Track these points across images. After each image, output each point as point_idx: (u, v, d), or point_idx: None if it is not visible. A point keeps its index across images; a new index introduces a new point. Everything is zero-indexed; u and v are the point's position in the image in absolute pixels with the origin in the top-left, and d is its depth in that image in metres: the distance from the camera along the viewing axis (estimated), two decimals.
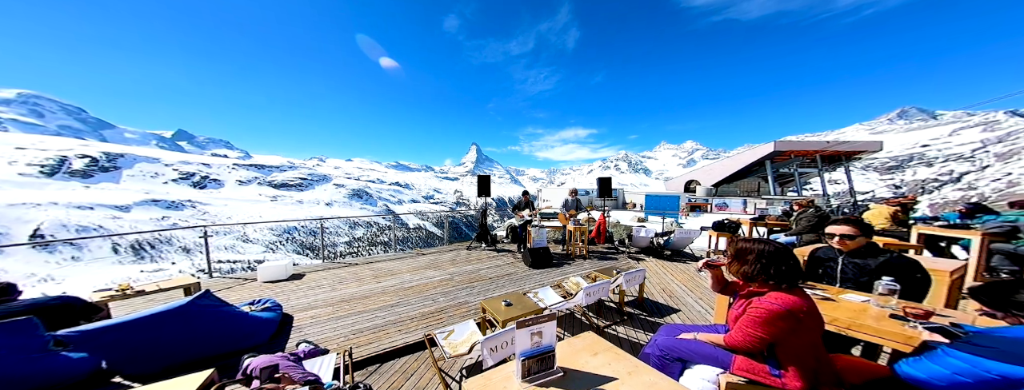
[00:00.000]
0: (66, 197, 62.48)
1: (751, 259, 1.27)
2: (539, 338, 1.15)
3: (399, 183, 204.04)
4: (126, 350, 1.60)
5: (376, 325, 2.84)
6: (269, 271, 4.11)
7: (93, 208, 60.72)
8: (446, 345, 2.21)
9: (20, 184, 67.03)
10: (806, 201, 3.89)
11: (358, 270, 4.60)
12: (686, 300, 3.49)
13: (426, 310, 3.19)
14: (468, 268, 4.77)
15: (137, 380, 1.65)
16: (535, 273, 4.54)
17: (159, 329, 1.64)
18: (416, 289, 3.77)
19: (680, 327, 1.57)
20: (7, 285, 1.82)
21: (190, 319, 1.71)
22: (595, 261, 5.25)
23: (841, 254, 1.88)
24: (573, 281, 3.53)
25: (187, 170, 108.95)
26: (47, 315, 1.65)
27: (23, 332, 1.46)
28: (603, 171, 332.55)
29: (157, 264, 46.51)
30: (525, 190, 6.18)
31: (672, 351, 1.37)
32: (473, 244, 6.42)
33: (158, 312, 1.63)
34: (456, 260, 5.25)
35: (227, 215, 78.72)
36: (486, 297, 3.53)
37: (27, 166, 78.71)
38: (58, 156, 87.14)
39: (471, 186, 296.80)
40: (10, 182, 66.98)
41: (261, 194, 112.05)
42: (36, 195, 60.12)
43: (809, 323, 1.14)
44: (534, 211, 6.11)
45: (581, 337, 1.44)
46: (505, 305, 2.64)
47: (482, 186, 6.69)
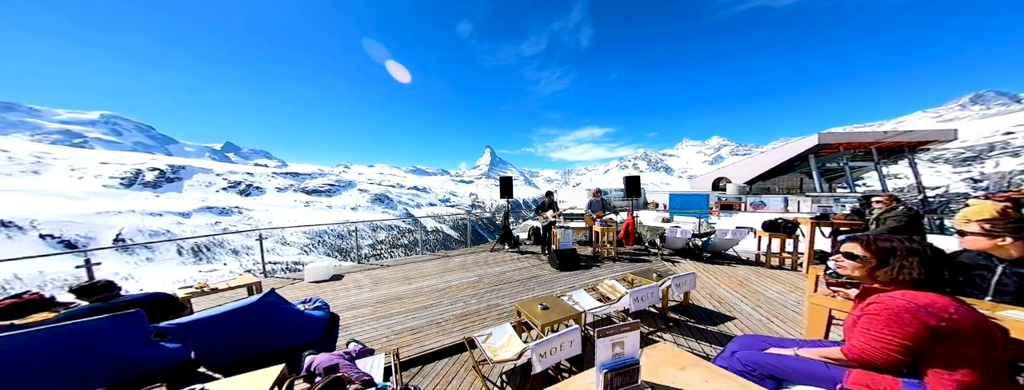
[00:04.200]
0: (140, 205, 72.33)
1: (902, 262, 0.98)
2: (620, 349, 1.06)
3: (417, 187, 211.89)
4: (211, 342, 1.76)
5: (415, 326, 2.89)
6: (314, 272, 4.37)
7: (161, 215, 69.69)
8: (486, 348, 2.20)
9: (104, 195, 78.75)
10: (888, 197, 3.33)
11: (391, 271, 4.77)
12: (741, 307, 3.19)
13: (459, 312, 3.21)
14: (494, 270, 4.77)
15: (218, 371, 1.80)
16: (563, 275, 4.44)
17: (237, 324, 1.79)
18: (447, 291, 3.82)
19: (763, 339, 1.40)
20: (108, 282, 2.09)
21: (261, 315, 1.85)
22: (626, 263, 5.03)
23: (1001, 262, 1.47)
24: (608, 284, 3.38)
25: (234, 179, 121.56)
26: (145, 308, 1.86)
27: (133, 323, 1.67)
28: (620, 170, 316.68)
29: (212, 265, 52.11)
30: (549, 191, 6.07)
31: (762, 367, 1.19)
32: (496, 246, 6.42)
33: (236, 308, 1.78)
34: (481, 262, 5.28)
35: (268, 220, 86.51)
36: (516, 299, 3.50)
37: (109, 179, 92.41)
38: (134, 169, 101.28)
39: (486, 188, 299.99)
40: (96, 193, 78.88)
41: (296, 200, 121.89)
42: (117, 204, 70.25)
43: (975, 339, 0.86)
44: (558, 212, 5.98)
45: (657, 348, 1.33)
46: (541, 308, 2.58)
47: (504, 188, 6.69)
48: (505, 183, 6.72)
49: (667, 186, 50.83)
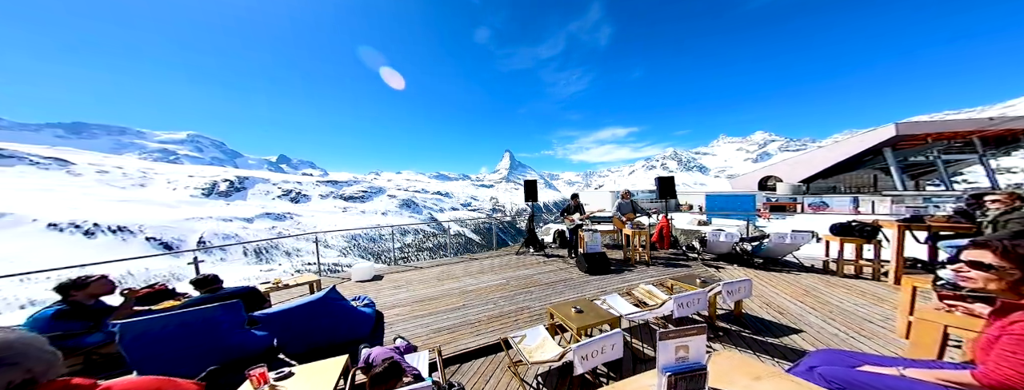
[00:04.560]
0: (216, 212, 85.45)
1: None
2: (685, 353, 1.01)
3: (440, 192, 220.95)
4: (289, 331, 2.02)
5: (450, 326, 3.00)
6: (359, 272, 4.76)
7: (231, 220, 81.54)
8: (521, 349, 2.20)
9: (190, 203, 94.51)
10: (1008, 195, 2.62)
11: (423, 273, 4.99)
12: (809, 319, 2.80)
13: (491, 313, 3.26)
14: (522, 273, 4.78)
15: (293, 358, 2.04)
16: (593, 279, 4.31)
17: (309, 316, 2.04)
18: (477, 293, 3.91)
19: (848, 355, 1.22)
20: (215, 276, 2.50)
21: (326, 309, 2.09)
22: (661, 268, 4.71)
23: None
24: (644, 289, 3.20)
25: (287, 188, 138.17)
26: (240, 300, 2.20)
27: (234, 311, 1.98)
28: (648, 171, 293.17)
29: (269, 265, 59.58)
30: (574, 194, 5.95)
31: (853, 385, 1.04)
32: (521, 249, 6.41)
33: (308, 302, 2.03)
34: (507, 265, 5.32)
35: (313, 224, 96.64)
36: (547, 302, 3.48)
37: (194, 190, 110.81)
38: (211, 181, 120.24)
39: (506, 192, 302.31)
40: (185, 202, 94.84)
41: (335, 206, 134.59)
42: (199, 211, 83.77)
43: None
44: (585, 215, 5.82)
45: (723, 355, 1.25)
46: (575, 311, 2.53)
47: (528, 191, 6.70)
48: (529, 186, 6.74)
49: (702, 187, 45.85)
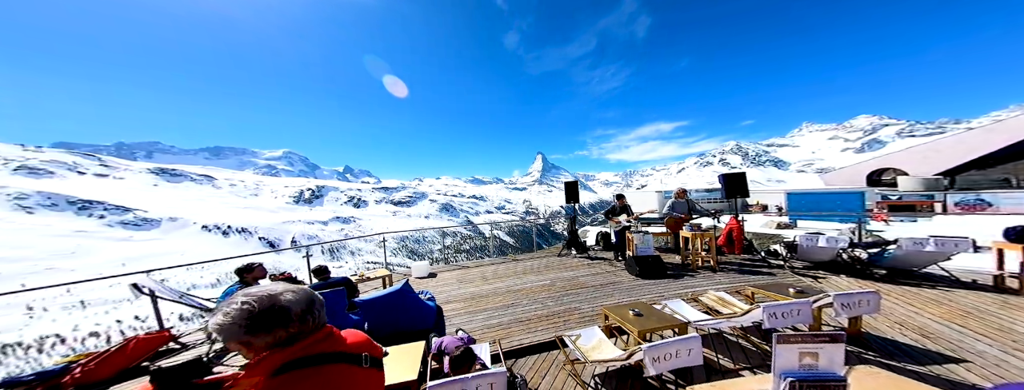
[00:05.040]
0: (303, 216, 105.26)
1: None
2: (812, 360, 0.87)
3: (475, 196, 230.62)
4: (378, 317, 2.40)
5: (503, 322, 3.10)
6: (418, 269, 5.18)
7: (312, 223, 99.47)
8: (576, 348, 2.17)
9: (285, 209, 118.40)
10: None
11: (470, 272, 5.24)
12: (977, 347, 2.10)
13: (540, 313, 3.28)
14: (566, 275, 4.69)
15: (380, 341, 2.41)
16: (646, 283, 4.01)
17: (392, 305, 2.41)
18: (524, 292, 3.96)
19: None
20: (325, 267, 3.13)
21: (403, 300, 2.44)
22: (732, 274, 4.09)
23: None
24: (715, 296, 2.82)
25: (351, 194, 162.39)
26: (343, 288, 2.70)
27: (341, 296, 2.47)
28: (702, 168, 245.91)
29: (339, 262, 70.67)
30: (619, 194, 5.59)
31: None
32: (563, 251, 6.28)
33: (392, 292, 2.40)
34: (550, 266, 5.27)
35: (370, 227, 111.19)
36: (596, 304, 3.35)
37: (288, 198, 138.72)
38: (299, 190, 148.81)
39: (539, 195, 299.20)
40: (281, 208, 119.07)
41: (387, 210, 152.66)
42: (291, 215, 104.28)
43: None
44: (632, 217, 5.42)
45: (869, 373, 1.05)
46: (634, 314, 2.38)
47: (569, 192, 6.56)
48: (570, 188, 6.60)
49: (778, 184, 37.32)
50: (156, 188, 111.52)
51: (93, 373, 2.19)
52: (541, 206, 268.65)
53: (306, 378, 0.72)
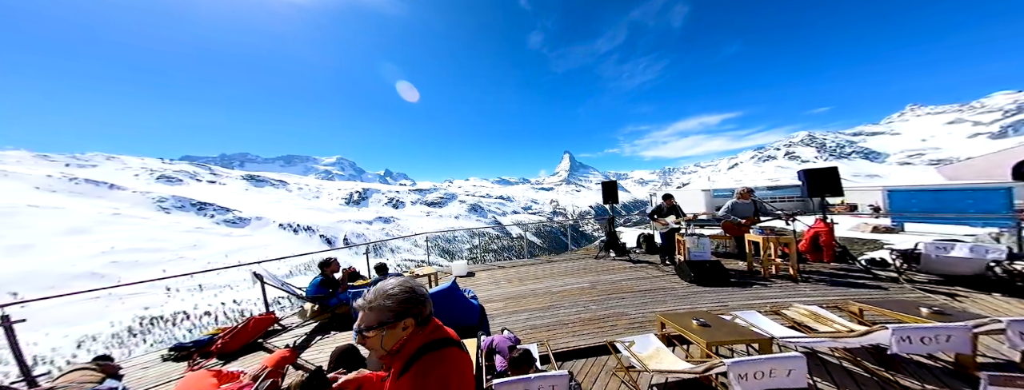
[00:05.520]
0: (352, 217, 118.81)
1: None
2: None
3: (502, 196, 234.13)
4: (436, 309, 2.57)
5: (545, 324, 3.04)
6: (457, 268, 5.30)
7: (359, 223, 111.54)
8: (632, 355, 2.02)
9: (339, 210, 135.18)
10: None
11: (506, 273, 5.26)
12: None
13: (584, 316, 3.15)
14: (607, 278, 4.45)
15: None
16: (704, 291, 3.58)
17: (442, 301, 2.58)
18: (564, 294, 3.85)
19: None
20: (384, 264, 3.46)
21: (452, 296, 2.59)
22: (822, 286, 3.44)
23: None
24: (806, 310, 2.39)
25: (391, 196, 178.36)
26: None
27: None
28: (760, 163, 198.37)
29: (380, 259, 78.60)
30: (668, 194, 5.10)
31: None
32: (601, 253, 5.97)
33: (444, 289, 2.57)
34: (588, 269, 5.06)
35: (407, 226, 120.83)
36: (646, 311, 3.12)
37: (340, 200, 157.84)
38: (349, 193, 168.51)
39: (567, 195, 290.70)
40: (336, 209, 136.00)
41: (421, 211, 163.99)
42: (343, 216, 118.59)
43: None
44: (683, 218, 4.89)
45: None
46: (699, 324, 2.13)
47: (607, 193, 6.22)
48: (608, 188, 6.24)
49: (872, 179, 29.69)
50: (247, 192, 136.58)
51: (228, 345, 2.71)
52: (569, 206, 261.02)
53: (443, 359, 0.82)
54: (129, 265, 50.15)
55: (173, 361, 2.71)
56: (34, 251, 48.41)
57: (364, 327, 0.83)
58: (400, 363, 0.83)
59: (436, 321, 0.92)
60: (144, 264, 51.47)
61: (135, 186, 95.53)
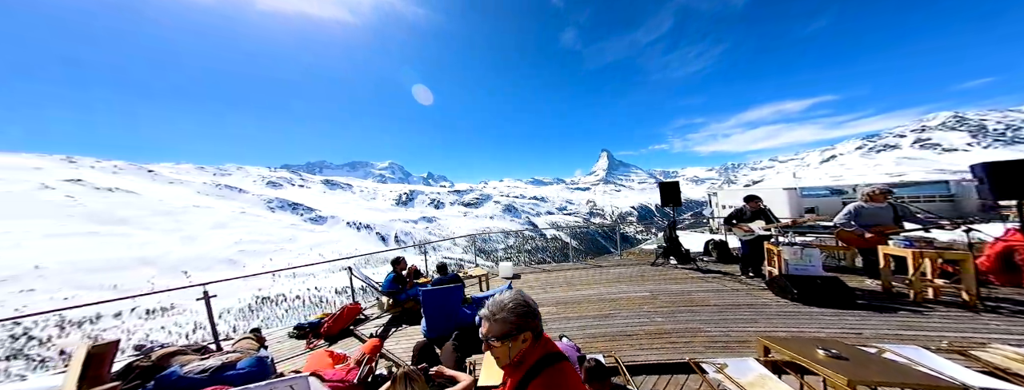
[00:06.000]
0: (401, 216, 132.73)
1: None
2: None
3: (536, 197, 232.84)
4: None
5: (605, 333, 2.81)
6: (504, 269, 5.29)
7: (407, 222, 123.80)
8: (727, 380, 1.69)
9: (391, 210, 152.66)
10: None
11: (552, 276, 5.06)
12: None
13: (649, 328, 2.83)
14: (671, 288, 3.96)
15: None
16: (816, 313, 2.86)
17: None
18: (621, 303, 3.54)
19: None
20: (445, 264, 3.66)
21: None
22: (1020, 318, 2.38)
23: None
24: (1016, 354, 1.66)
25: (432, 198, 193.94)
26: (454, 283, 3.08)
27: (460, 291, 2.80)
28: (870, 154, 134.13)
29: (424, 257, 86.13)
30: (752, 195, 4.23)
31: None
32: (659, 259, 5.33)
33: (500, 290, 2.60)
34: (645, 276, 4.61)
35: (447, 225, 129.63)
36: (728, 328, 2.68)
37: (392, 201, 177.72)
38: (399, 194, 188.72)
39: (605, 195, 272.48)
40: (389, 209, 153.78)
41: (459, 211, 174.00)
42: (394, 216, 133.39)
43: None
44: (774, 225, 4.00)
45: None
46: (829, 355, 1.66)
47: (668, 194, 5.51)
48: (668, 189, 5.54)
49: None
50: (324, 194, 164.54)
51: (331, 328, 3.13)
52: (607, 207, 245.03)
53: (561, 372, 0.86)
54: (251, 253, 65.40)
55: (296, 338, 3.24)
56: (196, 240, 66.84)
57: (492, 337, 0.90)
58: (519, 375, 0.89)
59: (545, 334, 0.96)
60: (259, 253, 66.47)
61: (253, 190, 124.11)
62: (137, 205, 74.84)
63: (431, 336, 2.63)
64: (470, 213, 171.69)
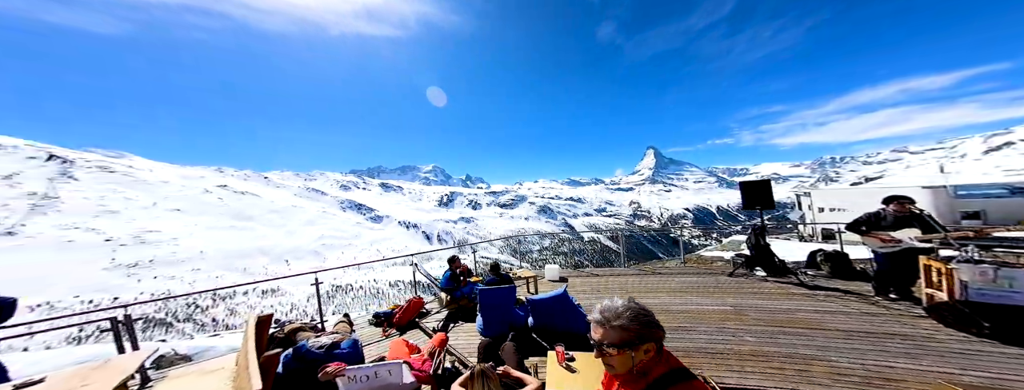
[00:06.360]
0: (443, 216, 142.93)
1: None
2: None
3: (573, 198, 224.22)
4: (542, 316, 2.54)
5: (684, 348, 2.49)
6: (550, 272, 5.19)
7: (447, 222, 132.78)
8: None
9: (434, 210, 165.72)
10: None
11: (601, 281, 4.74)
12: None
13: (742, 349, 2.41)
14: (759, 303, 3.35)
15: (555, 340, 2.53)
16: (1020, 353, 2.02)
17: (556, 307, 2.52)
18: (696, 316, 3.10)
19: None
20: (498, 263, 3.72)
21: (562, 303, 2.50)
22: None
23: None
24: None
25: (470, 199, 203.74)
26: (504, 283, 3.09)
27: (513, 292, 2.83)
28: None
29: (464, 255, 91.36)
30: (893, 196, 3.16)
31: None
32: (739, 269, 4.49)
33: (557, 295, 2.52)
34: (722, 287, 3.98)
35: (483, 226, 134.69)
36: (870, 361, 2.14)
37: (434, 202, 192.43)
38: (441, 196, 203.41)
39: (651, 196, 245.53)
40: (432, 210, 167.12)
41: (495, 212, 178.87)
42: (437, 216, 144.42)
43: None
44: (940, 236, 2.90)
45: None
46: None
47: (753, 194, 4.60)
48: (756, 190, 4.59)
49: None
50: (381, 196, 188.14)
51: (400, 319, 3.36)
52: (655, 209, 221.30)
53: None
54: (329, 247, 79.26)
55: (373, 326, 3.50)
56: (294, 235, 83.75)
57: (607, 344, 0.84)
58: (640, 386, 0.84)
59: (665, 348, 0.90)
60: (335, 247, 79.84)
61: (331, 192, 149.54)
62: (258, 206, 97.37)
63: (487, 334, 2.68)
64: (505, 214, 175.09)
